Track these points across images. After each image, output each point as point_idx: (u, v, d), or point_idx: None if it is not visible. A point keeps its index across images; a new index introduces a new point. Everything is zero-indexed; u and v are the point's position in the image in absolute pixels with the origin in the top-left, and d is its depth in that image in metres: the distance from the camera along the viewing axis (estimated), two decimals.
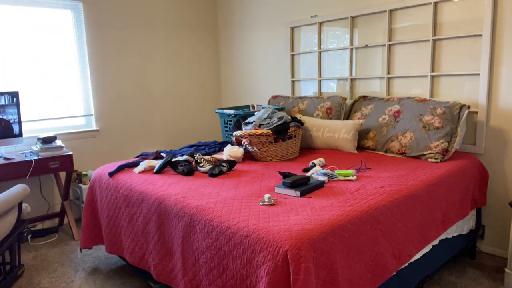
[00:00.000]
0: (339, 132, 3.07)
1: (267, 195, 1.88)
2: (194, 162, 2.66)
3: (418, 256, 2.12)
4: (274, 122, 2.90)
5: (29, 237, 3.43)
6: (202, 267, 1.81)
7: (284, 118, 2.90)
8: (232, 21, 4.62)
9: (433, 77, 3.02)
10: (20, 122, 3.22)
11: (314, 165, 2.54)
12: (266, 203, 1.86)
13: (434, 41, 2.98)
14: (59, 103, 3.74)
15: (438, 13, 2.94)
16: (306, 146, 3.29)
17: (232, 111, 3.38)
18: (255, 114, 3.09)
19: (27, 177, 3.09)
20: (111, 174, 2.62)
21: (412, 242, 2.01)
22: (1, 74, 3.40)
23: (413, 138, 2.76)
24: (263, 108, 3.37)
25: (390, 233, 1.86)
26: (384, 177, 2.27)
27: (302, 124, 3.02)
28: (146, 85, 4.28)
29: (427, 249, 2.21)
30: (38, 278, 2.75)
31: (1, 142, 3.15)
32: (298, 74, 4.01)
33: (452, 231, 2.47)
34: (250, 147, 2.91)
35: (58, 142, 3.33)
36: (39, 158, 3.14)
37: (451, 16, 2.87)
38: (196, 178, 2.43)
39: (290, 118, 2.97)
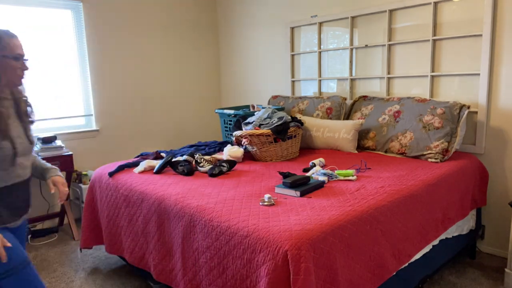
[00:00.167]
0: (339, 132, 3.07)
1: (267, 195, 1.88)
2: (194, 162, 2.66)
3: (418, 256, 2.12)
4: (274, 122, 2.90)
5: (29, 237, 3.43)
6: (202, 267, 1.81)
7: (284, 118, 2.90)
8: (232, 21, 4.62)
9: (433, 77, 3.02)
10: None
11: (314, 165, 2.54)
12: (266, 203, 1.86)
13: (434, 41, 2.98)
14: (59, 103, 3.74)
15: (438, 13, 2.94)
16: (306, 146, 3.29)
17: (232, 111, 3.38)
18: (255, 114, 3.09)
19: None
20: (111, 174, 2.62)
21: (412, 242, 2.01)
22: None
23: (413, 138, 2.76)
24: (263, 108, 3.37)
25: (390, 233, 1.86)
26: (384, 177, 2.27)
27: (302, 124, 3.02)
28: (146, 85, 4.28)
29: (427, 249, 2.21)
30: None
31: None
32: (298, 74, 4.01)
33: (452, 231, 2.47)
34: (250, 147, 2.91)
35: (58, 142, 3.33)
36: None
37: (451, 16, 2.87)
38: (196, 178, 2.43)
39: (290, 118, 2.97)
